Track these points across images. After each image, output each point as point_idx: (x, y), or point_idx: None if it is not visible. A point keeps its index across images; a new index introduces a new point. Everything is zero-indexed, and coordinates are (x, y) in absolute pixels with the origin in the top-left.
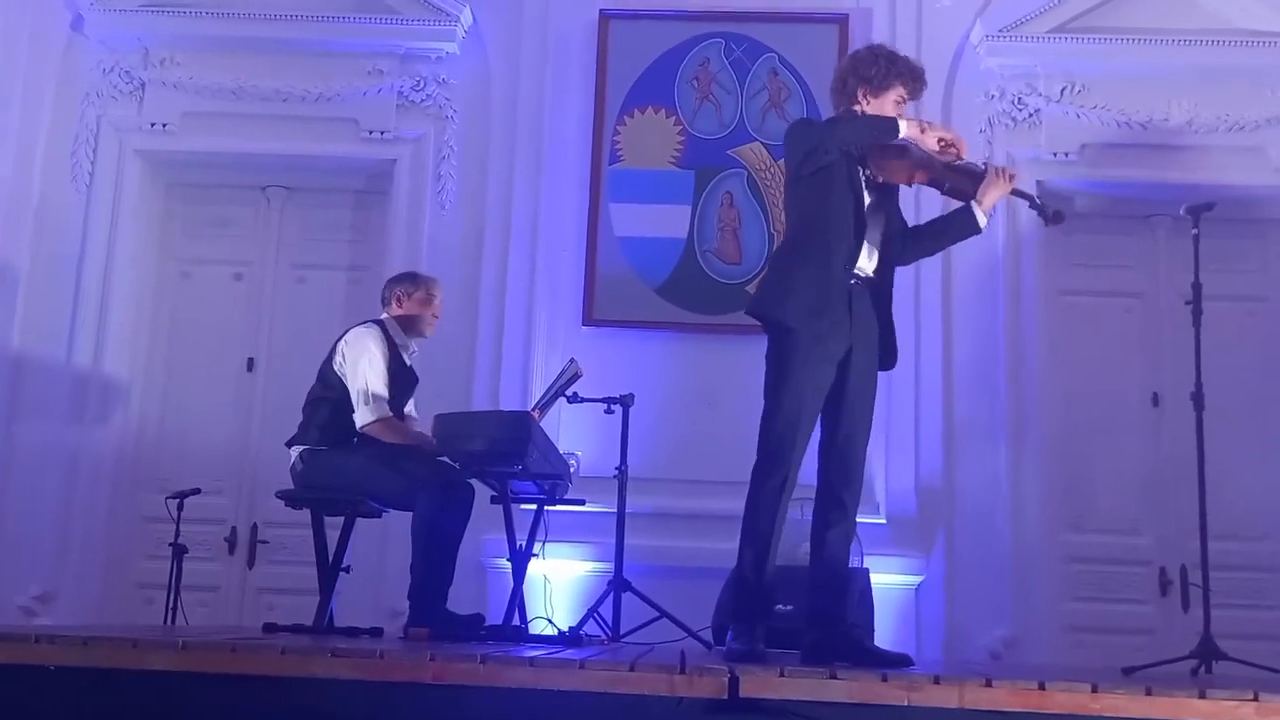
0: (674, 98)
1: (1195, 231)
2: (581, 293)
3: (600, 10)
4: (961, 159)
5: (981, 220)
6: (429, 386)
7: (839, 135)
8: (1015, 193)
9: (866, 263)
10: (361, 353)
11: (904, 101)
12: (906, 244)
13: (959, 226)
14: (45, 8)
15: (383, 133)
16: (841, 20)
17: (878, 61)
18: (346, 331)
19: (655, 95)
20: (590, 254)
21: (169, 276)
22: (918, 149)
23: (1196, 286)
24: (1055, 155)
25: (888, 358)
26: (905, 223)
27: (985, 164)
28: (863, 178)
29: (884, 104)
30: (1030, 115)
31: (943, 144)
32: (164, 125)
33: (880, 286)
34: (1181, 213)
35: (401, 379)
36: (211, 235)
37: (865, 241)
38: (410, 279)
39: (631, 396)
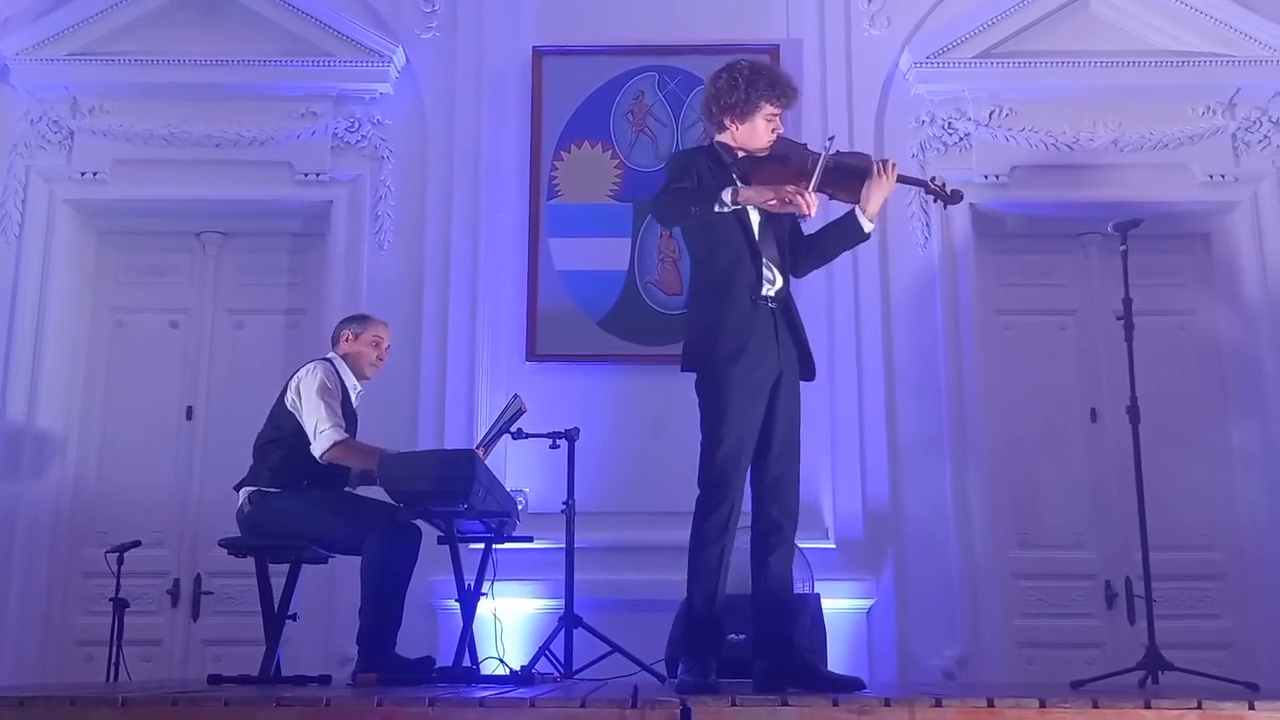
0: (610, 132)
1: (1123, 248)
2: (524, 328)
3: (533, 47)
4: (804, 208)
5: (866, 226)
6: (373, 427)
7: (665, 215)
8: (905, 181)
9: (770, 286)
10: (314, 385)
11: (775, 115)
12: (800, 256)
13: (846, 234)
14: None
15: (318, 175)
16: (772, 51)
17: (737, 86)
18: (298, 369)
19: (591, 130)
20: (531, 289)
21: (103, 326)
22: (796, 159)
23: (1127, 302)
24: (986, 178)
25: (807, 370)
26: (801, 233)
27: (870, 162)
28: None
29: (754, 126)
30: (960, 139)
31: (778, 202)
32: (94, 174)
33: (788, 302)
34: (1110, 230)
35: (348, 417)
36: (146, 283)
37: (764, 265)
38: (361, 320)
39: (577, 430)
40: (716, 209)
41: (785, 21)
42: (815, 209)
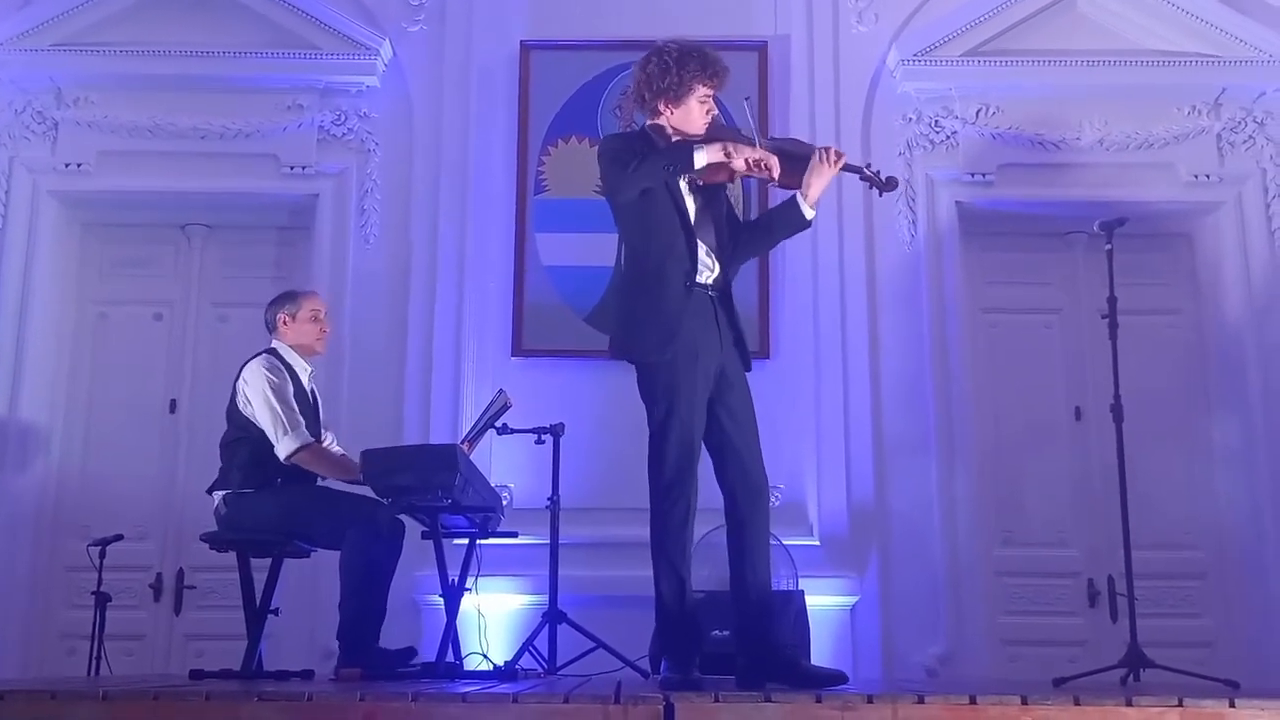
0: (597, 127)
1: (1109, 247)
2: (510, 323)
3: (521, 41)
4: (773, 176)
5: (808, 213)
6: (358, 421)
7: (632, 179)
8: (845, 168)
9: (709, 273)
10: (263, 386)
11: (709, 97)
12: (739, 243)
13: (787, 221)
14: None
15: (304, 168)
16: (760, 47)
17: (669, 70)
18: (242, 369)
19: (578, 125)
20: (518, 284)
21: (87, 318)
22: (733, 145)
23: (1112, 301)
24: (973, 176)
25: (744, 361)
26: (738, 220)
27: (813, 149)
28: (684, 185)
29: (688, 110)
30: (947, 137)
31: (753, 164)
32: (79, 165)
33: (727, 291)
34: (1095, 229)
35: (304, 406)
36: (130, 275)
37: (699, 252)
38: (291, 298)
39: (562, 426)
40: (697, 164)
41: (773, 18)
42: (780, 173)
